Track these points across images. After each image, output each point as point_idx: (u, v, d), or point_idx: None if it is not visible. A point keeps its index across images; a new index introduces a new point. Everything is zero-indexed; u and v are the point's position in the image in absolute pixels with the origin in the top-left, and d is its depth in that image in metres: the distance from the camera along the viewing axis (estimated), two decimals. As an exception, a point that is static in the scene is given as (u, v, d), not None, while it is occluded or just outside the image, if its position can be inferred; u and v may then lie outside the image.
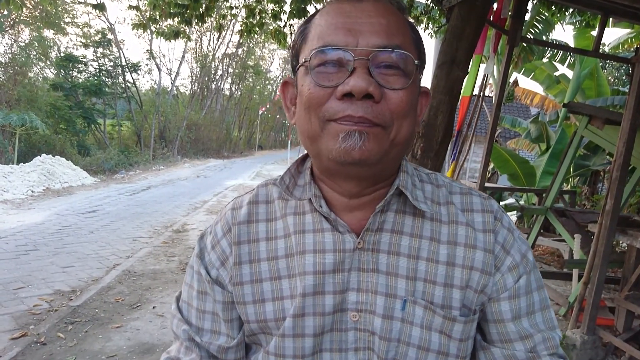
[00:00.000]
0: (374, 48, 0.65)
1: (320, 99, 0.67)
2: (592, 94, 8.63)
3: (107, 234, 7.07)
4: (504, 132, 17.43)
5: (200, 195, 12.02)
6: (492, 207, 0.79)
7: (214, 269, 0.82)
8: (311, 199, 0.76)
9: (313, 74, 0.67)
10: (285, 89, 0.79)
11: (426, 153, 3.29)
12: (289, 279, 0.77)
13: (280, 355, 0.76)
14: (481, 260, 0.75)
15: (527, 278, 0.77)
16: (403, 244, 0.75)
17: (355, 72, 0.65)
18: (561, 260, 6.14)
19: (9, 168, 11.44)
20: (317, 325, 0.74)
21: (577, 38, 8.67)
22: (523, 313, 0.76)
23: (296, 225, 0.78)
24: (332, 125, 0.66)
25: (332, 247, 0.75)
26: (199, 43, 29.98)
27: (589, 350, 3.37)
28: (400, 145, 0.70)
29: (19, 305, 4.11)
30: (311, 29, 0.71)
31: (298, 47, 0.74)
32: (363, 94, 0.64)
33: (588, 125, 4.24)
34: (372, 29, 0.66)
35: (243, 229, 0.81)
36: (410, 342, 0.73)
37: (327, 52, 0.66)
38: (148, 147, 22.66)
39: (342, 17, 0.68)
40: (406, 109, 0.68)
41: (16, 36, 17.71)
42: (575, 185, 8.45)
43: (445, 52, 3.29)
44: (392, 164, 0.74)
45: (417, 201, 0.76)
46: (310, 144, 0.72)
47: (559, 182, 4.76)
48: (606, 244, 3.27)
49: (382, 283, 0.74)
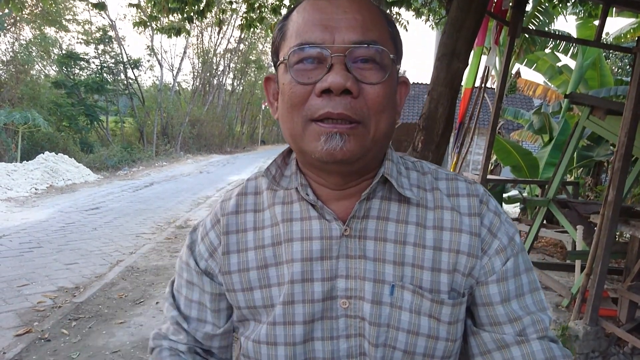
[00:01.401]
0: (350, 44, 0.67)
1: (301, 96, 0.68)
2: (595, 85, 8.57)
3: (111, 230, 7.10)
4: (507, 124, 17.37)
5: (203, 190, 12.04)
6: (477, 191, 0.80)
7: (203, 261, 0.84)
8: (297, 188, 0.78)
9: (292, 71, 0.69)
10: (267, 85, 0.80)
11: (427, 146, 3.28)
12: (276, 267, 0.79)
13: (272, 343, 0.77)
14: (467, 244, 0.76)
15: (514, 260, 0.77)
16: (389, 230, 0.76)
17: (333, 69, 0.66)
18: (564, 252, 6.12)
19: (12, 166, 11.48)
20: (307, 313, 0.75)
21: (579, 28, 8.60)
22: (512, 295, 0.76)
23: (284, 214, 0.80)
24: (313, 127, 0.68)
25: (319, 235, 0.76)
26: (200, 39, 29.94)
27: (591, 341, 3.37)
28: (381, 139, 0.72)
29: (23, 302, 4.13)
30: (289, 26, 0.72)
31: (277, 45, 0.75)
32: (341, 90, 0.65)
33: (590, 116, 4.21)
34: (348, 24, 0.68)
35: (231, 219, 0.83)
36: (400, 327, 0.74)
37: (305, 49, 0.68)
38: (151, 143, 22.69)
39: (319, 13, 0.69)
40: (383, 102, 0.69)
41: (18, 34, 17.73)
42: (579, 177, 8.41)
43: (445, 44, 3.27)
44: (375, 158, 0.75)
45: (403, 188, 0.77)
46: (294, 142, 0.73)
47: (561, 173, 4.74)
48: (609, 235, 3.26)
49: (370, 269, 0.75)
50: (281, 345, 0.76)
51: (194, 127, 26.93)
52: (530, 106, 18.11)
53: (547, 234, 5.81)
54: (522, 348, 0.74)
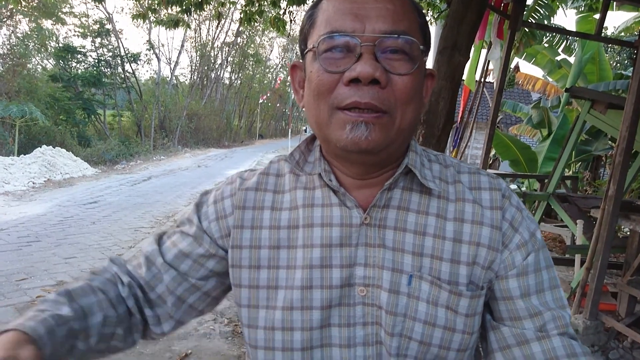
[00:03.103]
0: (380, 34, 0.66)
1: (329, 85, 0.68)
2: (594, 79, 8.56)
3: (109, 224, 7.08)
4: (506, 118, 17.37)
5: (202, 184, 12.01)
6: (500, 185, 0.80)
7: (207, 221, 0.84)
8: (321, 173, 0.78)
9: (321, 59, 0.69)
10: (294, 73, 0.80)
11: (427, 139, 3.27)
12: (287, 250, 0.79)
13: (289, 328, 0.76)
14: (488, 237, 0.76)
15: (535, 256, 0.77)
16: (409, 220, 0.76)
17: (362, 58, 0.66)
18: (563, 246, 6.13)
19: (9, 160, 11.43)
20: (325, 298, 0.75)
21: (579, 22, 8.58)
22: (532, 291, 0.76)
23: (305, 199, 0.80)
24: (339, 115, 0.68)
25: (340, 222, 0.76)
26: (198, 32, 29.79)
27: (591, 335, 3.38)
28: (406, 130, 0.71)
29: (22, 296, 4.12)
30: (319, 14, 0.72)
31: (306, 32, 0.74)
32: (370, 80, 0.65)
33: (590, 110, 4.20)
34: (379, 13, 0.67)
35: (250, 195, 0.83)
36: (417, 317, 0.74)
37: (335, 38, 0.68)
38: (148, 137, 22.62)
39: (349, 2, 0.68)
40: (410, 94, 0.69)
41: (14, 27, 17.61)
42: (577, 171, 8.43)
43: (446, 38, 3.25)
44: (398, 149, 0.75)
45: (426, 179, 0.77)
46: (319, 130, 0.74)
47: (561, 167, 4.74)
48: (609, 229, 3.26)
49: (389, 258, 0.75)
50: (297, 331, 0.75)
51: (191, 121, 26.85)
52: (529, 100, 18.10)
53: (547, 229, 5.81)
54: (542, 344, 0.73)
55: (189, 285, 0.84)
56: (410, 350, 0.74)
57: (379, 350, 0.75)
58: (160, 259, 0.83)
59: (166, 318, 0.85)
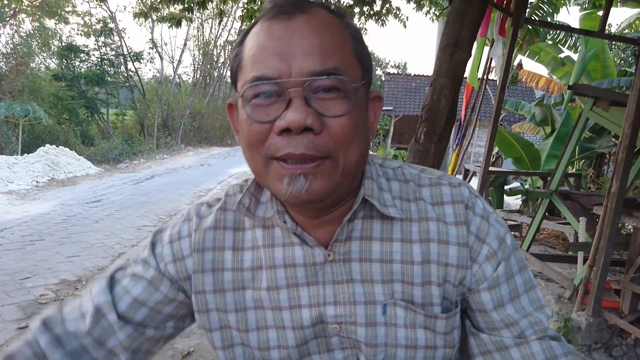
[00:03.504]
0: (308, 75, 0.61)
1: (260, 135, 0.63)
2: (597, 76, 8.51)
3: (112, 223, 7.09)
4: (508, 116, 17.34)
5: (205, 183, 12.02)
6: (462, 196, 0.75)
7: (163, 263, 0.79)
8: (275, 216, 0.74)
9: (249, 108, 0.64)
10: (232, 112, 0.74)
11: (429, 137, 3.26)
12: (252, 291, 0.76)
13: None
14: (455, 256, 0.73)
15: (506, 264, 0.74)
16: (374, 250, 0.74)
17: (292, 104, 0.61)
18: (566, 243, 6.12)
19: (13, 159, 11.47)
20: (299, 337, 0.75)
21: (583, 19, 8.54)
22: (506, 300, 0.74)
23: (265, 239, 0.76)
24: (275, 167, 0.64)
25: (303, 261, 0.74)
26: (201, 30, 29.81)
27: (594, 332, 3.37)
28: (352, 170, 0.67)
29: (26, 295, 4.14)
30: (244, 52, 0.67)
31: (235, 73, 0.69)
32: (301, 129, 0.60)
33: (593, 107, 4.18)
34: (305, 51, 0.61)
35: (209, 235, 0.78)
36: (398, 344, 0.74)
37: (260, 85, 0.62)
38: (151, 136, 22.66)
39: (273, 40, 0.63)
40: (350, 134, 0.64)
41: (17, 26, 17.65)
42: (580, 168, 8.39)
43: (448, 34, 3.24)
44: (350, 186, 0.70)
45: (386, 206, 0.73)
46: (259, 179, 0.70)
47: (564, 165, 4.72)
48: (612, 227, 3.25)
49: (359, 292, 0.73)
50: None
51: (194, 120, 26.88)
52: (532, 98, 18.04)
53: (549, 226, 5.80)
54: (521, 349, 0.73)
55: (144, 338, 0.79)
56: None
57: None
58: (113, 314, 0.77)
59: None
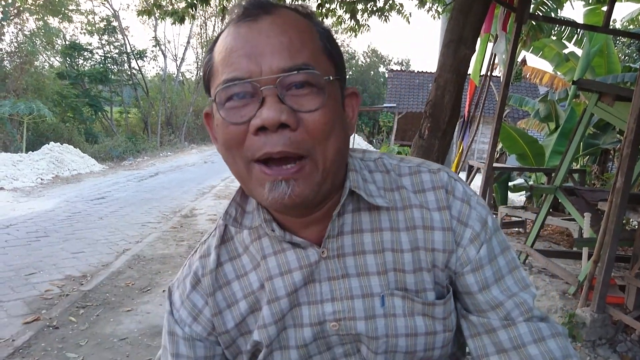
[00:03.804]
0: (279, 73, 0.61)
1: (237, 137, 0.63)
2: (602, 72, 8.46)
3: (116, 219, 7.12)
4: (513, 112, 17.27)
5: (208, 180, 12.06)
6: (442, 181, 0.76)
7: (187, 326, 0.80)
8: (262, 224, 0.74)
9: (223, 111, 0.63)
10: (208, 121, 0.73)
11: (433, 133, 3.26)
12: (267, 305, 0.76)
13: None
14: (441, 241, 0.74)
15: (488, 245, 0.75)
16: (366, 241, 0.74)
17: (266, 102, 0.60)
18: (570, 239, 6.10)
19: (18, 156, 11.54)
20: (298, 337, 0.76)
21: (587, 15, 8.49)
22: (490, 282, 0.75)
23: (258, 252, 0.77)
24: (256, 171, 0.64)
25: (298, 265, 0.74)
26: (204, 28, 29.81)
27: (598, 328, 3.36)
28: (333, 168, 0.67)
29: (31, 290, 4.16)
30: (214, 58, 0.67)
31: (208, 80, 0.69)
32: (277, 125, 0.60)
33: (598, 102, 4.16)
34: (273, 49, 0.61)
35: (214, 275, 0.79)
36: (398, 333, 0.74)
37: (232, 86, 0.62)
38: (155, 133, 22.71)
39: (241, 42, 0.63)
40: (326, 128, 0.64)
41: (22, 25, 17.70)
42: (585, 165, 8.36)
43: (452, 30, 3.23)
44: (331, 185, 0.70)
45: (373, 197, 0.73)
46: (242, 184, 0.70)
47: (568, 160, 4.70)
48: (616, 222, 3.24)
49: (356, 286, 0.74)
50: None
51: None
52: (536, 94, 17.98)
53: (554, 222, 5.78)
54: (509, 331, 0.73)
55: None
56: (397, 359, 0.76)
57: (361, 358, 0.78)
58: None
59: None
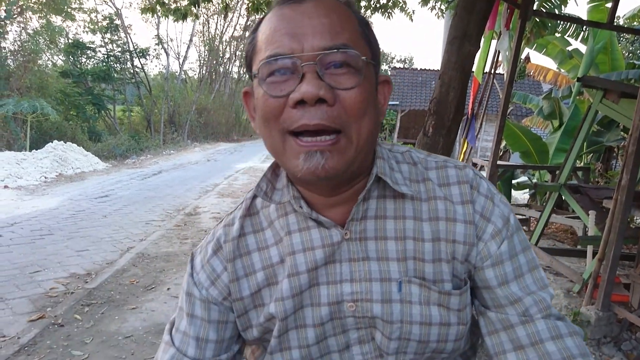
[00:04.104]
0: (320, 51, 0.64)
1: (275, 109, 0.66)
2: (606, 69, 8.43)
3: (120, 218, 7.14)
4: (516, 110, 17.23)
5: (211, 178, 12.07)
6: (467, 176, 0.79)
7: (204, 289, 0.83)
8: (290, 201, 0.77)
9: (264, 85, 0.67)
10: (247, 99, 0.78)
11: (438, 130, 3.26)
12: (288, 279, 0.78)
13: (286, 347, 0.80)
14: (462, 233, 0.76)
15: (509, 242, 0.77)
16: (389, 228, 0.76)
17: (305, 78, 0.64)
18: (575, 237, 6.09)
19: (21, 155, 11.56)
20: (315, 316, 0.78)
21: (591, 11, 8.46)
22: (510, 278, 0.76)
23: (283, 228, 0.79)
24: (292, 142, 0.66)
25: (321, 243, 0.76)
26: (207, 26, 29.83)
27: (603, 326, 3.36)
28: (365, 146, 0.69)
29: (36, 288, 4.17)
30: (258, 37, 0.70)
31: (250, 58, 0.73)
32: (315, 100, 0.63)
33: (603, 100, 4.15)
34: (315, 30, 0.65)
35: (236, 244, 0.82)
36: (413, 321, 0.76)
37: (274, 61, 0.65)
38: (158, 132, 22.74)
39: (284, 22, 0.66)
40: (362, 106, 0.67)
41: (25, 23, 17.73)
42: (589, 162, 8.33)
43: (456, 27, 3.23)
44: (363, 164, 0.73)
45: (398, 184, 0.76)
46: (276, 157, 0.72)
47: (572, 158, 4.69)
48: (621, 220, 3.22)
49: (375, 269, 0.76)
50: (295, 349, 0.79)
51: (200, 116, 26.93)
52: (539, 91, 17.91)
53: (558, 220, 5.77)
54: (527, 327, 0.74)
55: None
56: (410, 348, 0.77)
57: (375, 346, 0.79)
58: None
59: None
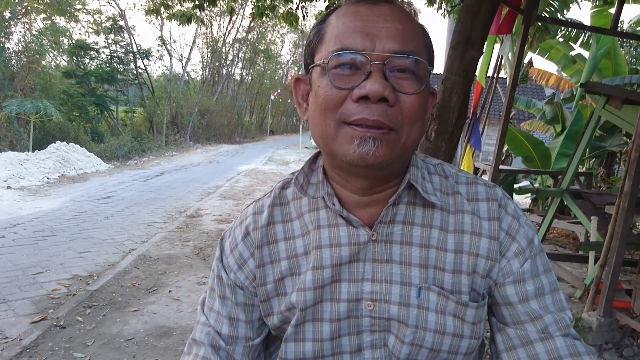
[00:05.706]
0: (390, 53, 0.67)
1: (336, 100, 0.69)
2: (608, 74, 8.43)
3: (122, 219, 7.14)
4: (518, 114, 17.21)
5: (213, 180, 12.07)
6: (496, 195, 0.82)
7: (232, 273, 0.86)
8: (324, 197, 0.80)
9: (330, 75, 0.69)
10: (297, 86, 0.81)
11: (440, 135, 3.26)
12: (312, 271, 0.81)
13: (301, 339, 0.81)
14: (486, 248, 0.78)
15: (532, 262, 0.79)
16: (415, 234, 0.79)
17: (372, 76, 0.67)
18: (577, 243, 6.08)
19: (24, 155, 11.58)
20: (333, 311, 0.79)
21: (594, 17, 8.46)
22: (531, 296, 0.78)
23: (312, 222, 0.82)
24: (346, 130, 0.69)
25: (348, 241, 0.79)
26: (210, 28, 29.89)
27: (605, 332, 3.35)
28: (410, 148, 0.73)
29: (38, 289, 4.18)
30: (327, 29, 0.73)
31: (314, 47, 0.75)
32: (379, 98, 0.66)
33: (606, 105, 4.15)
34: (389, 33, 0.68)
35: (263, 232, 0.85)
36: (427, 327, 0.77)
37: (345, 55, 0.68)
38: (160, 133, 22.77)
39: (360, 20, 0.69)
40: (418, 113, 0.71)
41: (29, 24, 17.79)
42: (591, 167, 8.33)
43: (459, 32, 3.23)
44: (402, 165, 0.78)
45: (428, 193, 0.79)
46: (324, 144, 0.74)
47: (575, 163, 4.69)
48: (624, 226, 3.22)
49: (397, 272, 0.78)
50: (309, 342, 0.81)
51: (203, 117, 26.97)
52: (542, 96, 17.91)
53: (560, 225, 5.77)
54: (546, 344, 0.75)
55: (255, 346, 0.87)
56: (421, 356, 0.78)
57: (387, 352, 0.80)
58: (222, 342, 0.84)
59: None
